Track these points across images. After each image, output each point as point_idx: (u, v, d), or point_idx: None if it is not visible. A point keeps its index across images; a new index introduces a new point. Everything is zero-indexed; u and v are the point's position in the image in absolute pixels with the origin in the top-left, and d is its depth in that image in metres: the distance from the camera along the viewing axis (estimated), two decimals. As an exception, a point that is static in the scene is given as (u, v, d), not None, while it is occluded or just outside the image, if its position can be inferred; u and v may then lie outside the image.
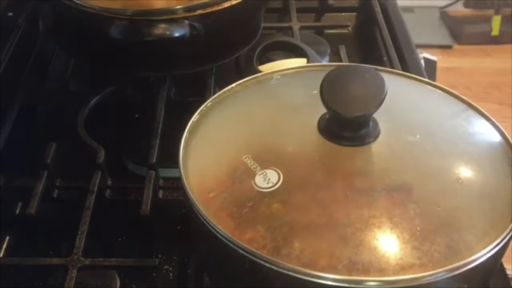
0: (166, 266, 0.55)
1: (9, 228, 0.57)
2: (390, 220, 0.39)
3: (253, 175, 0.41)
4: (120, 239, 0.57)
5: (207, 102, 0.48)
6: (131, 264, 0.50)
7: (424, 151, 0.44)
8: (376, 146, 0.43)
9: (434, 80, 0.83)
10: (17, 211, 0.58)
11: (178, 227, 0.57)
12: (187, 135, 0.45)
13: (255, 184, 0.41)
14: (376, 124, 0.43)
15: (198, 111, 0.47)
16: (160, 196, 0.58)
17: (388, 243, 0.38)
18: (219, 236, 0.39)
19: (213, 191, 0.41)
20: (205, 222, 0.39)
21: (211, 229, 0.39)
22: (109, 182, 0.58)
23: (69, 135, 0.62)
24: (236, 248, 0.38)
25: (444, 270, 0.37)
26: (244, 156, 0.42)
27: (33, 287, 0.52)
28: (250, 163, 0.42)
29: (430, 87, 0.50)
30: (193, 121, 0.46)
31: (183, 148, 0.44)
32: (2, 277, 0.52)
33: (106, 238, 0.56)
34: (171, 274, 0.54)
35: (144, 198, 0.54)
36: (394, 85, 0.47)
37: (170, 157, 0.47)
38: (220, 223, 0.39)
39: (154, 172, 0.57)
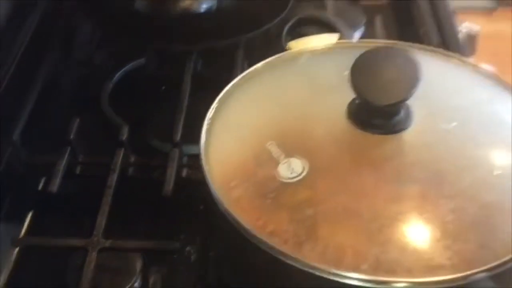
0: (188, 248, 0.53)
1: (32, 204, 0.56)
2: (420, 216, 0.37)
3: (276, 163, 0.39)
4: (142, 218, 0.56)
5: (231, 83, 0.46)
6: (151, 247, 0.49)
7: (460, 140, 0.41)
8: (407, 135, 0.40)
9: (474, 49, 0.79)
10: (40, 187, 0.57)
11: (201, 207, 0.55)
12: (210, 119, 0.43)
13: (278, 173, 0.39)
14: (408, 110, 0.41)
15: (222, 93, 0.45)
16: (184, 175, 0.56)
17: (417, 241, 0.36)
18: (239, 229, 0.37)
19: (234, 180, 0.39)
20: (225, 214, 0.38)
21: (231, 221, 0.37)
22: (132, 160, 0.57)
23: (94, 110, 0.60)
24: (256, 242, 0.36)
25: (477, 272, 0.35)
26: (268, 143, 0.40)
27: (56, 265, 0.51)
28: (273, 150, 0.40)
29: (470, 67, 0.47)
30: (216, 104, 0.44)
31: (205, 133, 0.42)
32: (25, 254, 0.51)
33: (128, 217, 0.55)
34: (192, 256, 0.53)
35: (167, 179, 0.53)
36: (431, 65, 0.45)
37: (196, 133, 0.45)
38: (241, 215, 0.37)
39: (178, 150, 0.55)
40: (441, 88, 0.45)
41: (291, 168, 0.39)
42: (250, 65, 0.63)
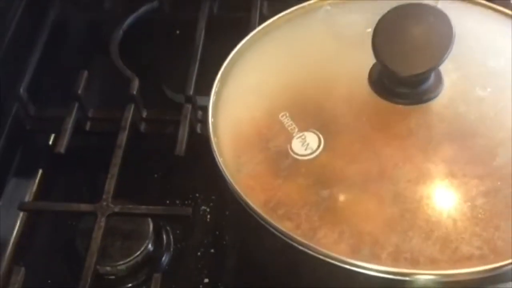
0: (203, 207, 0.51)
1: (42, 160, 0.54)
2: (447, 199, 0.34)
3: (289, 138, 0.36)
4: (155, 176, 0.53)
5: (244, 40, 0.42)
6: (162, 213, 0.47)
7: (496, 109, 0.36)
8: (436, 104, 0.36)
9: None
10: (50, 142, 0.55)
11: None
12: (219, 83, 0.40)
13: (291, 149, 0.35)
14: (439, 76, 0.37)
15: (233, 51, 0.41)
16: (199, 130, 0.53)
17: (442, 228, 0.33)
18: (250, 211, 0.34)
19: (244, 154, 0.36)
20: (234, 194, 0.35)
21: (241, 202, 0.34)
22: (144, 114, 0.54)
23: (103, 60, 0.57)
24: (267, 226, 0.34)
25: (509, 263, 0.32)
26: (281, 114, 0.37)
27: (66, 228, 0.50)
28: (287, 122, 0.36)
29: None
30: (226, 64, 0.41)
31: (213, 99, 0.39)
32: (34, 216, 0.50)
33: (141, 175, 0.53)
34: (208, 216, 0.50)
35: (180, 137, 0.50)
36: (465, 17, 0.40)
37: (211, 84, 0.42)
38: (250, 196, 0.34)
39: (190, 106, 0.52)
40: (476, 46, 0.40)
41: (306, 144, 0.35)
42: (269, 7, 0.59)
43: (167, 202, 0.51)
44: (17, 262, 0.47)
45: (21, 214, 0.50)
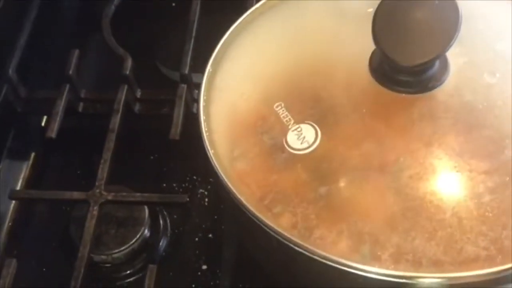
0: (201, 190, 0.49)
1: (34, 144, 0.53)
2: (452, 196, 0.32)
3: (285, 130, 0.34)
4: (151, 157, 0.52)
5: (236, 23, 0.39)
6: (157, 200, 0.45)
7: (504, 98, 0.34)
8: (441, 93, 0.34)
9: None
10: (43, 124, 0.53)
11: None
12: (211, 68, 0.37)
13: (286, 143, 0.33)
14: (445, 62, 0.34)
15: (226, 35, 0.39)
16: (195, 110, 0.51)
17: (447, 228, 0.31)
18: (244, 210, 0.32)
19: (237, 148, 0.34)
20: (227, 191, 0.33)
21: (234, 200, 0.33)
22: (139, 94, 0.52)
23: (95, 37, 0.55)
24: (261, 225, 0.32)
25: (517, 265, 0.30)
26: (276, 104, 0.35)
27: (61, 213, 0.48)
28: (282, 113, 0.34)
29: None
30: (218, 49, 0.38)
31: (205, 88, 0.36)
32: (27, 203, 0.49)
33: (136, 157, 0.51)
34: (206, 199, 0.49)
35: (174, 120, 0.48)
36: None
37: (208, 60, 0.40)
38: (244, 193, 0.33)
39: (185, 86, 0.50)
40: (485, 28, 0.37)
41: (302, 137, 0.33)
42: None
43: (164, 185, 0.50)
44: (11, 250, 0.46)
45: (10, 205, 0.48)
